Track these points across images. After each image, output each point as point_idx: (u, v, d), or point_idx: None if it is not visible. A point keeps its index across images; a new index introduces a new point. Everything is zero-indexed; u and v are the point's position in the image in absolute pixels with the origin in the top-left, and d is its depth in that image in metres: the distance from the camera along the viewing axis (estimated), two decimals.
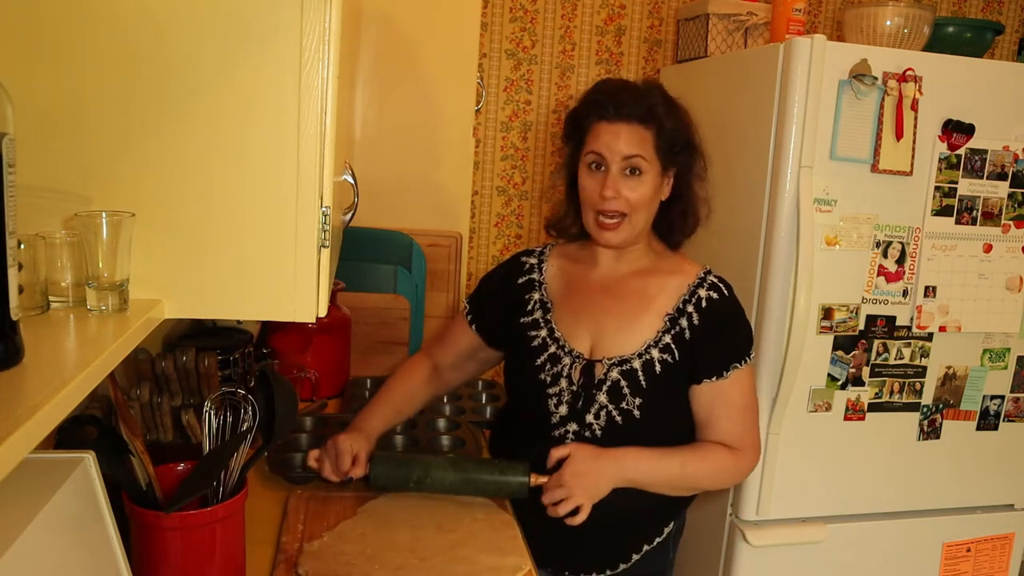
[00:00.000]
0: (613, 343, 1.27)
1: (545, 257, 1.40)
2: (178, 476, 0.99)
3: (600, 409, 1.25)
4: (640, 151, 1.22)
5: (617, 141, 1.22)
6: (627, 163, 1.22)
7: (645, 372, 1.24)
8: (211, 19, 0.80)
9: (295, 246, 0.85)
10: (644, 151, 1.22)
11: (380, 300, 2.00)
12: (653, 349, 1.25)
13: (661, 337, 1.26)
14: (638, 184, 1.23)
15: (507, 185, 2.66)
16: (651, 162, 1.23)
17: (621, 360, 1.26)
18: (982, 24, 1.98)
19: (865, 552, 1.95)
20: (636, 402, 1.24)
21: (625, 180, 1.23)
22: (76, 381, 0.59)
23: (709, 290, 1.27)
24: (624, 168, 1.22)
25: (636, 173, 1.23)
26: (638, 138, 1.22)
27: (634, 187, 1.23)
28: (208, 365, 1.23)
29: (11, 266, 0.57)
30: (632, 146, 1.22)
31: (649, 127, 1.23)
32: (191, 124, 0.82)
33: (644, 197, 1.24)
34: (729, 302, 1.29)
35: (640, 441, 1.24)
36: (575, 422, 1.26)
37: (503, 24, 2.56)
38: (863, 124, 1.73)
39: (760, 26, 2.34)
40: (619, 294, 1.30)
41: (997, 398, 1.96)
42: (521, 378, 1.34)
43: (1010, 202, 1.86)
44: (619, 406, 1.24)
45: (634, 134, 1.22)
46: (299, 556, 1.09)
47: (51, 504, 0.69)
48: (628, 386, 1.24)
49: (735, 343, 1.27)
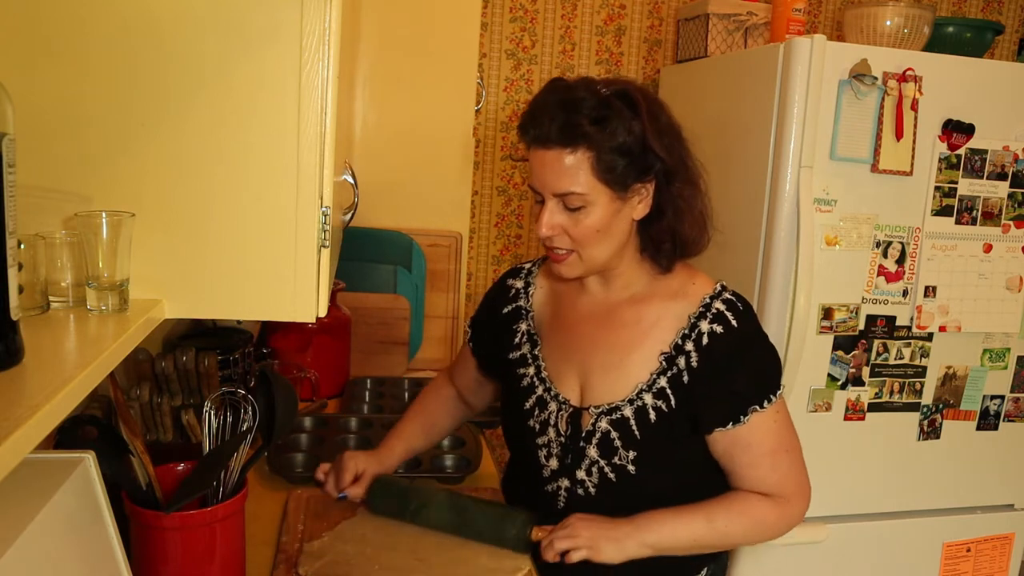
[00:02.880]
0: (602, 386, 1.10)
1: (533, 279, 1.24)
2: (178, 476, 0.99)
3: (591, 464, 1.10)
4: (571, 184, 1.01)
5: (544, 173, 1.03)
6: (561, 200, 1.03)
7: (638, 421, 1.07)
8: (211, 19, 0.80)
9: (295, 246, 0.85)
10: (577, 182, 1.01)
11: (380, 300, 2.00)
12: (646, 394, 1.07)
13: (656, 380, 1.07)
14: (582, 218, 1.03)
15: (507, 185, 2.66)
16: (593, 190, 1.01)
17: (610, 408, 1.09)
18: (982, 24, 1.98)
19: (865, 552, 1.95)
20: (630, 456, 1.07)
21: (567, 215, 1.04)
22: (76, 381, 0.59)
23: (713, 322, 1.06)
24: (560, 203, 1.04)
25: (577, 208, 1.03)
26: (564, 167, 1.01)
27: (576, 221, 1.03)
28: (208, 365, 1.23)
29: (11, 266, 0.57)
30: (560, 179, 1.01)
31: (579, 150, 1.00)
32: (191, 124, 0.82)
33: (589, 231, 1.03)
34: (739, 335, 1.06)
35: (640, 499, 1.08)
36: (566, 478, 1.12)
37: (503, 24, 2.56)
38: (863, 124, 1.73)
39: (760, 26, 2.34)
40: (610, 325, 1.12)
41: (997, 398, 1.96)
42: (512, 420, 1.21)
43: (1010, 202, 1.86)
44: (611, 461, 1.08)
45: (558, 163, 1.01)
46: (299, 556, 1.09)
47: (51, 504, 0.69)
48: (620, 438, 1.08)
49: (753, 382, 1.07)
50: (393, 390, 1.87)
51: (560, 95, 1.02)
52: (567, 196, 1.02)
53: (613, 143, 1.00)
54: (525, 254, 2.72)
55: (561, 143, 1.00)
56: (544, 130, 1.01)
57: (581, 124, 0.99)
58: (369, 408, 1.75)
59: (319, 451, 1.46)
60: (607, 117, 1.00)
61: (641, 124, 1.01)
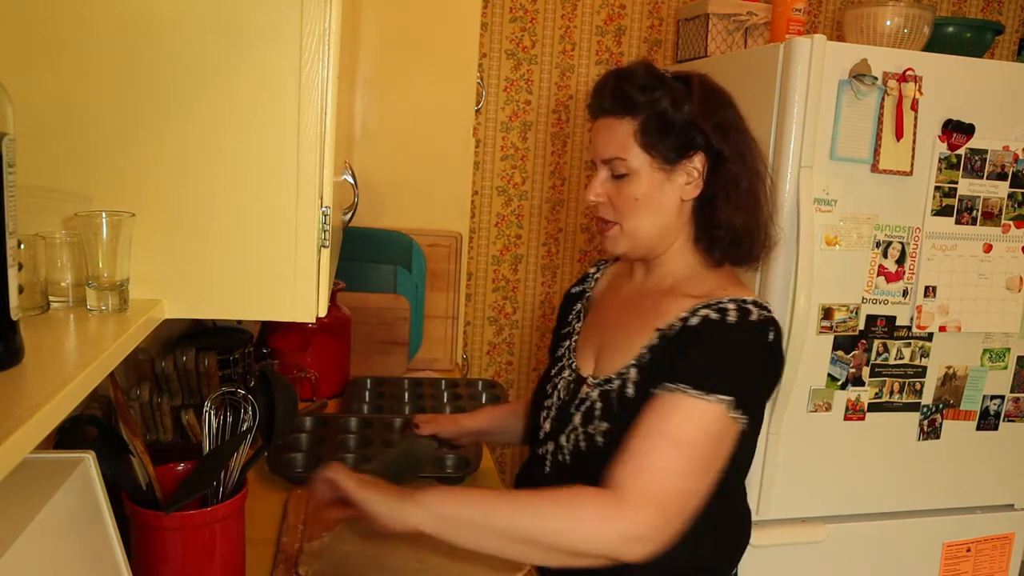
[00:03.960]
0: (609, 361, 1.11)
1: (605, 268, 1.30)
2: (178, 476, 0.99)
3: (572, 431, 1.10)
4: (616, 150, 1.05)
5: (597, 140, 1.08)
6: (608, 166, 1.07)
7: (619, 394, 1.06)
8: (211, 19, 0.80)
9: (295, 246, 0.85)
10: (622, 148, 1.05)
11: (380, 300, 2.01)
12: (634, 368, 1.06)
13: (644, 355, 1.06)
14: (624, 185, 1.06)
15: (507, 185, 2.66)
16: (637, 158, 1.04)
17: (605, 380, 1.09)
18: (982, 24, 1.98)
19: (865, 552, 1.95)
20: (603, 427, 1.05)
21: (613, 183, 1.07)
22: (76, 381, 0.59)
23: (714, 310, 1.01)
24: (609, 171, 1.08)
25: (621, 176, 1.06)
26: (614, 134, 1.06)
27: (620, 190, 1.06)
28: (208, 365, 1.24)
29: (11, 266, 0.57)
30: (607, 145, 1.06)
31: (627, 117, 1.04)
32: (191, 124, 0.82)
33: (630, 200, 1.06)
34: (726, 326, 1.00)
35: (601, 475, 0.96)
36: (553, 442, 1.14)
37: (503, 24, 2.56)
38: (863, 124, 1.73)
39: (760, 26, 2.34)
40: (633, 310, 1.13)
41: (997, 398, 1.96)
42: (539, 384, 1.26)
43: (1010, 202, 1.86)
44: (586, 429, 1.08)
45: (609, 130, 1.06)
46: (299, 556, 1.09)
47: (51, 504, 0.69)
48: (601, 409, 1.07)
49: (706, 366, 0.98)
50: (393, 390, 1.87)
51: (618, 71, 1.08)
52: (612, 162, 1.06)
53: (659, 113, 1.03)
54: (525, 254, 2.72)
55: (612, 111, 1.06)
56: (600, 100, 1.07)
57: (631, 93, 1.04)
58: (369, 408, 1.75)
59: (319, 451, 1.46)
60: (656, 88, 1.04)
61: (691, 101, 1.04)
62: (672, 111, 1.03)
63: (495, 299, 2.73)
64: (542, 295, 2.75)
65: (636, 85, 1.04)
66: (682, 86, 1.06)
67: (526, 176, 2.67)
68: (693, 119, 1.04)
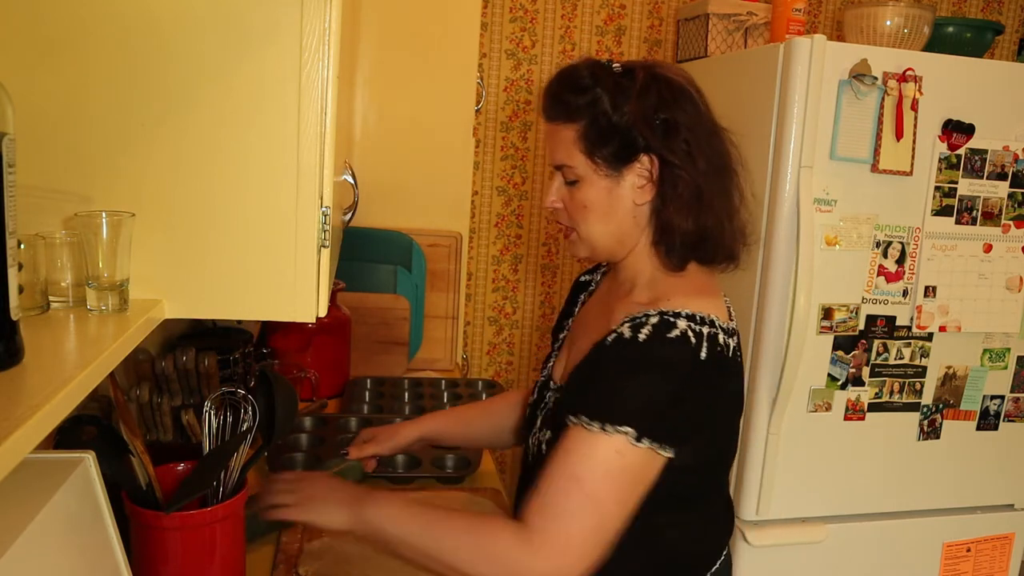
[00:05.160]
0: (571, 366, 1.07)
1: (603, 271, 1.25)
2: (178, 476, 0.99)
3: (535, 433, 1.10)
4: (563, 157, 1.01)
5: (547, 145, 1.05)
6: (560, 172, 1.03)
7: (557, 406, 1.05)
8: (211, 19, 0.80)
9: (295, 246, 0.85)
10: (568, 155, 1.00)
11: (380, 300, 2.01)
12: None
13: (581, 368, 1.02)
14: (576, 192, 1.01)
15: (507, 185, 2.66)
16: (581, 165, 0.99)
17: (557, 388, 1.11)
18: (982, 24, 1.98)
19: (865, 552, 1.95)
20: (546, 435, 1.05)
21: (567, 189, 1.03)
22: (76, 381, 0.59)
23: (632, 326, 0.94)
24: (561, 176, 1.04)
25: (573, 183, 1.02)
26: (560, 140, 1.01)
27: (572, 196, 1.02)
28: (208, 365, 1.24)
29: (11, 266, 0.57)
30: (555, 152, 1.02)
31: (568, 123, 0.99)
32: (191, 124, 0.82)
33: (580, 207, 1.01)
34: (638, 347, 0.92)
35: None
36: (529, 437, 1.13)
37: (503, 24, 2.56)
38: (863, 124, 1.73)
39: (760, 26, 2.34)
40: (602, 314, 1.09)
41: (997, 398, 1.96)
42: None
43: (1010, 202, 1.86)
44: (541, 434, 1.08)
45: (554, 136, 1.02)
46: (299, 556, 1.09)
47: (51, 504, 0.69)
48: (552, 414, 1.05)
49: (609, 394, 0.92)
50: (393, 390, 1.87)
51: (562, 72, 1.03)
52: (563, 169, 1.02)
53: (597, 116, 0.97)
54: (525, 254, 2.72)
55: (554, 117, 1.02)
56: (544, 104, 1.03)
57: (568, 99, 0.99)
58: (369, 408, 1.75)
59: (319, 451, 1.46)
60: (595, 89, 0.97)
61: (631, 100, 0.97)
62: (612, 113, 0.97)
63: (495, 299, 2.73)
64: (542, 295, 2.75)
65: (576, 87, 0.99)
66: (627, 82, 0.98)
67: (526, 176, 2.67)
68: (633, 121, 0.97)
